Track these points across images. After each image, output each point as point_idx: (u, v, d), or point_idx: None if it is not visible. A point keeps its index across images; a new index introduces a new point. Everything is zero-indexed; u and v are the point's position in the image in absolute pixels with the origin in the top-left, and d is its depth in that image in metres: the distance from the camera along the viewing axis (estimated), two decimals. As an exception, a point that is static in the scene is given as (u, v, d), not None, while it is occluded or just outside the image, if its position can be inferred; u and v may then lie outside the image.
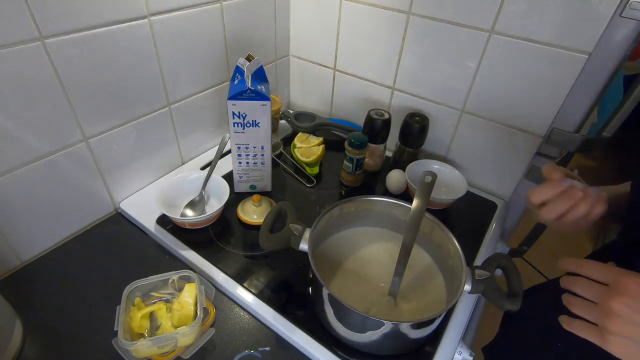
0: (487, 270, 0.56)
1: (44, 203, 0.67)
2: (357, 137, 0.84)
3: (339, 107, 1.12)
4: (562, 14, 0.68)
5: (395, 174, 0.87)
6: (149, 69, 0.73)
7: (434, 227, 0.65)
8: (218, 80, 0.90)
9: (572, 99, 0.74)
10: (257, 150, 0.79)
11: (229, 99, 0.71)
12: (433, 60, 0.86)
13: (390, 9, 0.86)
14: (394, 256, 0.68)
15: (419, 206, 0.53)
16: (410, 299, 0.62)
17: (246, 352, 0.59)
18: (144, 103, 0.76)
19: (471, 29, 0.78)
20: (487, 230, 0.83)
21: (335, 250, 0.69)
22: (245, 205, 0.80)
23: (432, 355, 0.60)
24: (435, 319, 0.55)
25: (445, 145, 0.96)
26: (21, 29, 0.54)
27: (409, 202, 0.62)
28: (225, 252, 0.73)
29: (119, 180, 0.79)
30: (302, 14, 1.02)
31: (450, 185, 0.87)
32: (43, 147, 0.63)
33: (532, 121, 0.80)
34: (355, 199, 0.68)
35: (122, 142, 0.75)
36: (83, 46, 0.62)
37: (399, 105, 0.98)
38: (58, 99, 0.62)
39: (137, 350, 0.53)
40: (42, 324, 0.60)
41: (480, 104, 0.85)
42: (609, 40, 0.66)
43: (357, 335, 0.56)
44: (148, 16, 0.69)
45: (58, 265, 0.69)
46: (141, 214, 0.78)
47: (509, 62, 0.77)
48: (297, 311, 0.64)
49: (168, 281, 0.62)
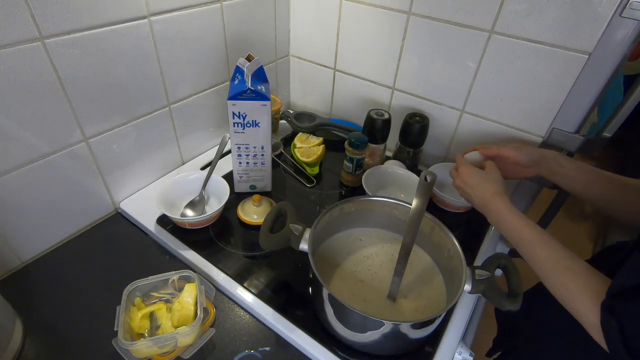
0: (487, 270, 0.56)
1: (44, 203, 0.67)
2: (357, 137, 0.84)
3: (339, 107, 1.12)
4: (562, 14, 0.68)
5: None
6: (149, 69, 0.73)
7: (434, 227, 0.64)
8: (218, 80, 0.90)
9: (572, 99, 0.74)
10: (257, 150, 0.79)
11: (229, 99, 0.71)
12: (433, 60, 0.87)
13: (390, 9, 0.86)
14: (394, 256, 0.68)
15: (418, 206, 0.53)
16: (410, 299, 0.62)
17: (246, 352, 0.59)
18: (144, 103, 0.76)
19: (471, 29, 0.78)
20: (487, 230, 0.83)
21: (336, 250, 0.69)
22: (245, 205, 0.80)
23: (432, 355, 0.60)
24: (435, 319, 0.55)
25: (445, 145, 0.96)
26: (21, 29, 0.54)
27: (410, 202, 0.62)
28: (225, 252, 0.73)
29: (119, 180, 0.79)
30: (302, 14, 1.02)
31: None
32: (43, 147, 0.63)
33: (532, 121, 0.80)
34: (355, 199, 0.68)
35: (122, 142, 0.75)
36: (83, 46, 0.62)
37: (399, 105, 0.98)
38: (58, 99, 0.62)
39: (137, 350, 0.53)
40: (42, 324, 0.60)
41: (480, 104, 0.85)
42: (609, 40, 0.66)
43: (357, 335, 0.56)
44: (148, 16, 0.69)
45: (58, 265, 0.69)
46: (141, 214, 0.78)
47: (509, 62, 0.77)
48: (297, 311, 0.64)
49: (168, 281, 0.62)
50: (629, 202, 0.63)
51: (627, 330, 0.41)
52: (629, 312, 0.42)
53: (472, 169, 0.68)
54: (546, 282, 0.53)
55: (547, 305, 0.60)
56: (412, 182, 0.85)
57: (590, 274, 0.49)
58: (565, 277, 0.50)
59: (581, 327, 0.47)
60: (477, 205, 0.66)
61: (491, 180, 0.66)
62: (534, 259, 0.55)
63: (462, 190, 0.69)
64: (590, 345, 0.47)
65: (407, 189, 0.86)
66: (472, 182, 0.67)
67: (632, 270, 0.45)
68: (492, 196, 0.63)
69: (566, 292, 0.50)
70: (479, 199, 0.65)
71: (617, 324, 0.42)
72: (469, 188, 0.67)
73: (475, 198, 0.66)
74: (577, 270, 0.50)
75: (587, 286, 0.47)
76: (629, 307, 0.42)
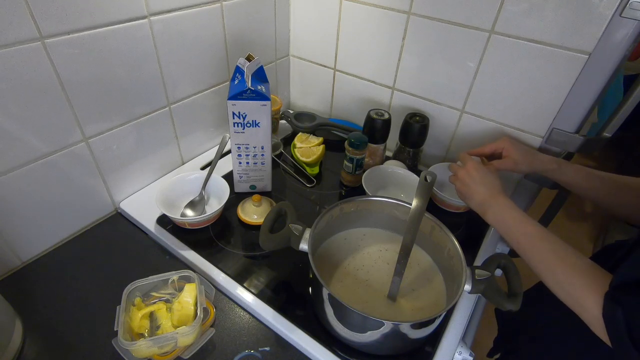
0: (487, 270, 0.56)
1: (44, 203, 0.67)
2: (357, 137, 0.84)
3: (339, 107, 1.12)
4: (562, 14, 0.68)
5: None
6: (149, 69, 0.73)
7: (434, 227, 0.64)
8: (218, 80, 0.90)
9: (572, 99, 0.74)
10: (257, 150, 0.79)
11: (229, 99, 0.71)
12: (433, 60, 0.87)
13: (391, 9, 0.86)
14: (394, 256, 0.68)
15: (418, 206, 0.53)
16: (410, 299, 0.62)
17: (246, 352, 0.59)
18: (144, 103, 0.76)
19: (471, 29, 0.78)
20: (487, 230, 0.83)
21: (335, 250, 0.69)
22: (245, 205, 0.80)
23: (432, 355, 0.60)
24: (435, 319, 0.55)
25: (445, 145, 0.96)
26: (21, 29, 0.54)
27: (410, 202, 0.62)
28: (225, 252, 0.73)
29: (119, 180, 0.79)
30: (302, 14, 1.02)
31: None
32: (43, 147, 0.63)
33: (532, 121, 0.81)
34: (355, 199, 0.68)
35: (122, 142, 0.75)
36: (83, 46, 0.62)
37: (399, 105, 0.98)
38: (58, 99, 0.62)
39: (137, 350, 0.53)
40: (42, 324, 0.60)
41: (481, 104, 0.85)
42: (609, 40, 0.66)
43: (357, 335, 0.56)
44: (148, 16, 0.69)
45: (58, 265, 0.69)
46: (141, 214, 0.78)
47: (509, 62, 0.77)
48: (297, 311, 0.64)
49: (168, 281, 0.62)
50: (627, 202, 0.63)
51: (633, 322, 0.41)
52: (633, 305, 0.42)
53: (480, 165, 0.69)
54: (548, 277, 0.53)
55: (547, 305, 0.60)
56: (412, 182, 0.85)
57: (594, 270, 0.49)
58: (570, 272, 0.50)
59: (582, 326, 0.47)
60: (478, 201, 0.66)
61: (496, 178, 0.67)
62: (537, 253, 0.55)
63: (464, 185, 0.69)
64: (590, 345, 0.47)
65: (407, 189, 0.86)
66: (478, 176, 0.67)
67: (635, 264, 0.45)
68: (498, 192, 0.64)
69: (570, 287, 0.49)
70: (481, 194, 0.65)
71: (623, 315, 0.42)
72: (474, 182, 0.67)
73: (478, 193, 0.66)
74: (581, 266, 0.50)
75: (592, 281, 0.47)
76: (633, 299, 0.42)
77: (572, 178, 0.70)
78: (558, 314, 0.55)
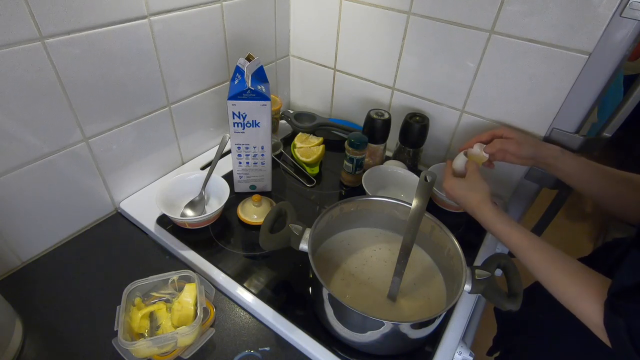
0: (487, 270, 0.56)
1: (44, 203, 0.67)
2: (357, 137, 0.84)
3: (339, 107, 1.12)
4: (562, 14, 0.68)
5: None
6: (149, 69, 0.73)
7: (434, 227, 0.64)
8: (218, 80, 0.90)
9: (572, 99, 0.74)
10: (257, 150, 0.79)
11: (229, 99, 0.71)
12: (433, 60, 0.87)
13: (390, 9, 0.86)
14: (394, 256, 0.68)
15: (418, 206, 0.53)
16: (410, 299, 0.62)
17: (246, 352, 0.59)
18: (144, 103, 0.76)
19: (471, 29, 0.78)
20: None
21: (335, 250, 0.69)
22: (245, 205, 0.80)
23: (432, 355, 0.60)
24: (435, 319, 0.55)
25: (445, 145, 0.96)
26: (21, 29, 0.54)
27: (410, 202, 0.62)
28: (225, 252, 0.73)
29: (119, 180, 0.79)
30: (302, 14, 1.02)
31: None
32: (43, 147, 0.63)
33: (532, 121, 0.80)
34: (355, 199, 0.68)
35: (122, 142, 0.75)
36: (83, 46, 0.62)
37: (399, 105, 0.98)
38: (58, 99, 0.62)
39: (137, 350, 0.53)
40: (42, 324, 0.60)
41: (480, 104, 0.85)
42: (609, 40, 0.66)
43: (357, 335, 0.56)
44: (148, 16, 0.69)
45: (58, 265, 0.69)
46: (141, 214, 0.78)
47: (509, 62, 0.77)
48: (297, 311, 0.64)
49: (168, 281, 0.62)
50: (624, 196, 0.63)
51: (634, 330, 0.41)
52: (633, 312, 0.42)
53: (455, 183, 0.69)
54: (545, 286, 0.53)
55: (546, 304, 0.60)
56: (412, 182, 0.85)
57: (588, 275, 0.49)
58: (564, 281, 0.50)
59: (581, 325, 0.48)
60: (469, 213, 0.67)
61: (474, 190, 0.66)
62: (529, 263, 0.55)
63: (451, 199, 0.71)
64: (591, 344, 0.47)
65: (407, 189, 0.86)
66: (457, 195, 0.68)
67: (632, 268, 0.45)
68: (477, 206, 0.64)
69: (567, 296, 0.50)
70: (467, 209, 0.67)
71: (624, 323, 0.42)
72: (456, 201, 0.69)
73: (465, 208, 0.67)
74: (573, 273, 0.50)
75: (588, 288, 0.48)
76: (632, 307, 0.42)
77: (573, 168, 0.67)
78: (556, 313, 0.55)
